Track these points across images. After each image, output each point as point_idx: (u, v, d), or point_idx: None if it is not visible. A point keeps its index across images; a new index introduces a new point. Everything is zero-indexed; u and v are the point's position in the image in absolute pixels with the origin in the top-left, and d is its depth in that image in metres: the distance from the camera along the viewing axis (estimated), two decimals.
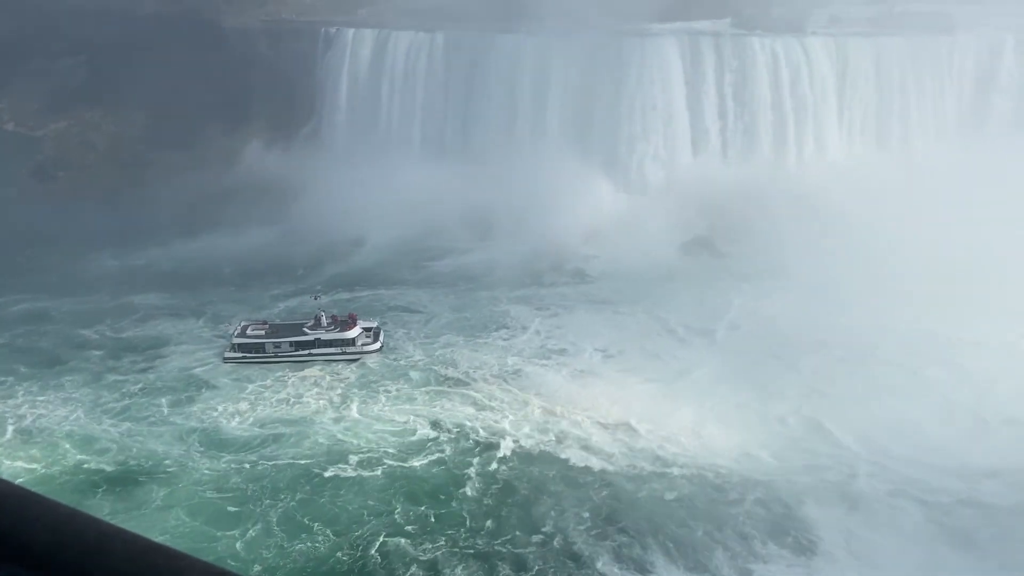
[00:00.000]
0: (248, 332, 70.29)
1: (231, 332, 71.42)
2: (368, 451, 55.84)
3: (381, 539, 47.41)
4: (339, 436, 57.65)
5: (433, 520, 48.97)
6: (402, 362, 69.01)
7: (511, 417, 59.76)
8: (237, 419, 60.02)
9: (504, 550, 46.52)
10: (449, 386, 64.68)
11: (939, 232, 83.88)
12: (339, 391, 64.09)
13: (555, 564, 45.29)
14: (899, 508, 49.43)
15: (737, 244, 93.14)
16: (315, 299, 76.03)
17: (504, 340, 72.99)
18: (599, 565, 45.12)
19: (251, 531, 48.03)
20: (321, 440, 57.17)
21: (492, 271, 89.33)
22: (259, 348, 68.74)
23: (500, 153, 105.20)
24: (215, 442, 57.26)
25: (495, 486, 52.25)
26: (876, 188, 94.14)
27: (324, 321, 70.47)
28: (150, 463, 54.85)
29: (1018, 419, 57.40)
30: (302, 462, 54.49)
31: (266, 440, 57.39)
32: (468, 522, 48.75)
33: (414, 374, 66.69)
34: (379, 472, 53.49)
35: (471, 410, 60.94)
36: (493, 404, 61.52)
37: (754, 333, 73.55)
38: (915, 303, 75.10)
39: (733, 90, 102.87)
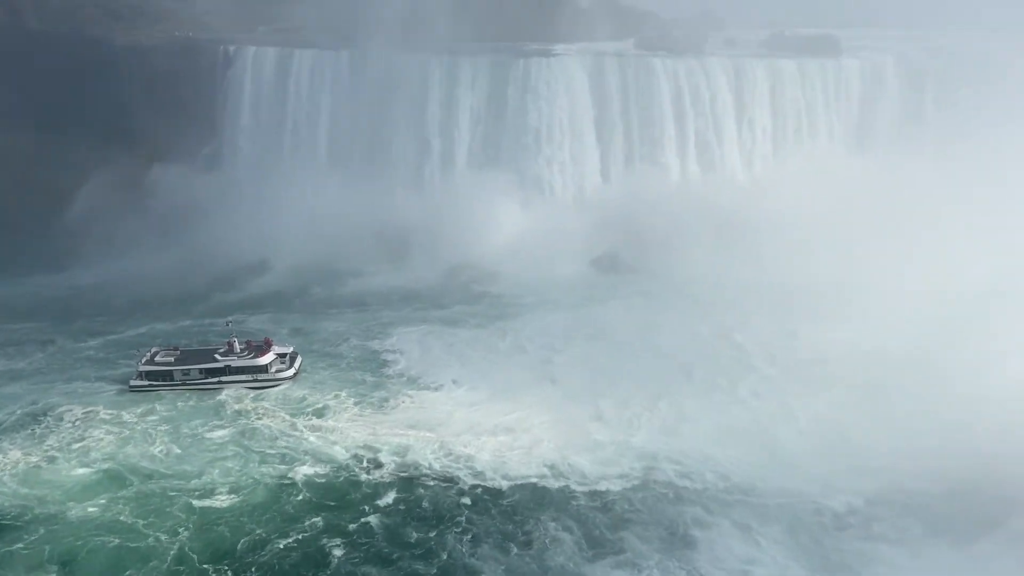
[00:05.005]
0: (156, 359, 67.48)
1: (139, 358, 68.23)
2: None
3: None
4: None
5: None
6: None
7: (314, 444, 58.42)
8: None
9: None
10: (255, 418, 62.20)
11: (830, 242, 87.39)
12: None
13: None
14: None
15: (644, 259, 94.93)
16: (227, 324, 73.43)
17: (343, 370, 69.92)
18: None
19: None
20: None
21: (382, 296, 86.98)
22: (167, 375, 66.13)
23: (411, 172, 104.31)
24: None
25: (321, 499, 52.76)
26: (774, 202, 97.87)
27: (237, 347, 68.06)
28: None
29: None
30: None
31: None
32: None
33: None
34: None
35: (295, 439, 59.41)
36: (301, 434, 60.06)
37: (620, 347, 73.86)
38: (797, 313, 77.37)
39: (638, 108, 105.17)
